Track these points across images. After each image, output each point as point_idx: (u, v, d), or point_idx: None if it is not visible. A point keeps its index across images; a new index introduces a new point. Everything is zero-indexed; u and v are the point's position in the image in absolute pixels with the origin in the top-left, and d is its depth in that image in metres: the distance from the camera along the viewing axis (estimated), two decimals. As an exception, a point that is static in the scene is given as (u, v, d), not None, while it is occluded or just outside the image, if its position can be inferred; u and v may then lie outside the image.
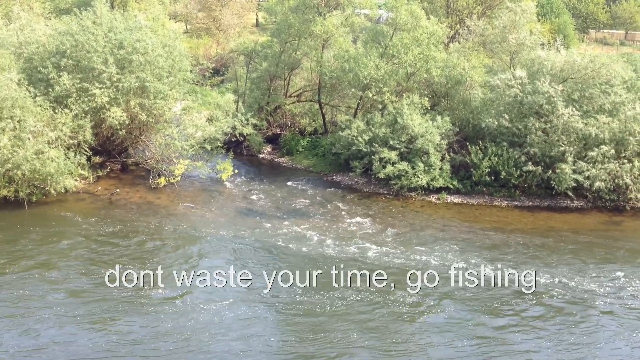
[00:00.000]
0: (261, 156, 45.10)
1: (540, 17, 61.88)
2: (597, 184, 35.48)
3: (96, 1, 39.53)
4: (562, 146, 36.32)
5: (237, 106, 44.96)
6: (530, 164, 36.74)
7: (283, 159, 44.47)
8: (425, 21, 41.39)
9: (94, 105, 36.30)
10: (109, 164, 39.90)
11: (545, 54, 39.19)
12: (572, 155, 36.21)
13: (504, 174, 37.10)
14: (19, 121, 33.84)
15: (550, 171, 36.76)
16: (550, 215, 35.70)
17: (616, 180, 35.97)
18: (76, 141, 36.02)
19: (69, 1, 58.18)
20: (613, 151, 36.04)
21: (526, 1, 47.56)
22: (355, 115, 42.39)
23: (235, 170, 39.99)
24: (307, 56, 45.12)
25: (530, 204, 37.07)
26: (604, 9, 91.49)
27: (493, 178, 37.47)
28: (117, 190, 36.80)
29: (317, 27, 42.46)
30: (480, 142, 38.38)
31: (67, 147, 35.26)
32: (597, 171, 35.52)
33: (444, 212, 35.64)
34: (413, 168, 36.94)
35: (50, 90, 36.35)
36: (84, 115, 36.25)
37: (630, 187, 36.11)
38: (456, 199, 37.31)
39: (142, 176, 39.07)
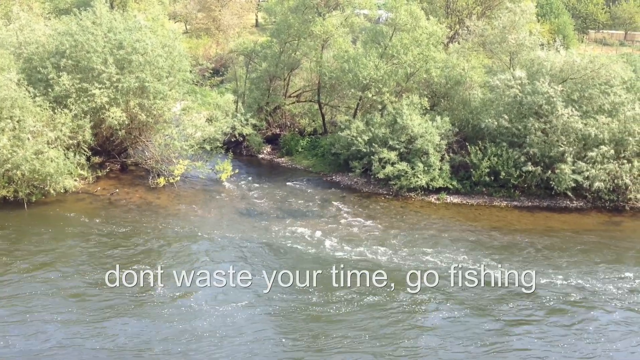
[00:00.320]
0: (261, 156, 45.10)
1: (539, 18, 61.95)
2: (597, 184, 35.50)
3: (96, 1, 39.51)
4: (562, 146, 36.34)
5: (237, 106, 44.96)
6: (530, 164, 36.75)
7: (282, 159, 44.47)
8: (425, 21, 41.40)
9: (94, 105, 36.29)
10: (108, 164, 39.90)
11: (544, 54, 39.21)
12: (572, 156, 36.23)
13: (504, 174, 37.11)
14: (18, 121, 33.83)
15: (550, 171, 36.78)
16: (550, 215, 35.72)
17: (616, 181, 35.98)
18: (76, 141, 36.02)
19: (68, 1, 58.18)
20: (612, 151, 36.05)
21: (526, 1, 47.60)
22: (354, 116, 42.41)
23: (234, 171, 39.98)
24: (306, 56, 45.13)
25: (530, 204, 37.09)
26: (603, 9, 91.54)
27: (492, 178, 37.49)
28: (117, 191, 36.79)
29: (316, 27, 42.47)
30: (480, 143, 38.39)
31: (66, 147, 35.25)
32: (597, 171, 35.53)
33: (443, 212, 35.65)
34: (412, 168, 36.94)
35: (50, 90, 36.34)
36: (83, 115, 36.24)
37: (629, 187, 36.12)
38: (456, 199, 37.32)
39: (142, 176, 39.06)
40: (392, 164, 37.04)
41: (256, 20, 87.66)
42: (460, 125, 40.29)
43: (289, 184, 39.39)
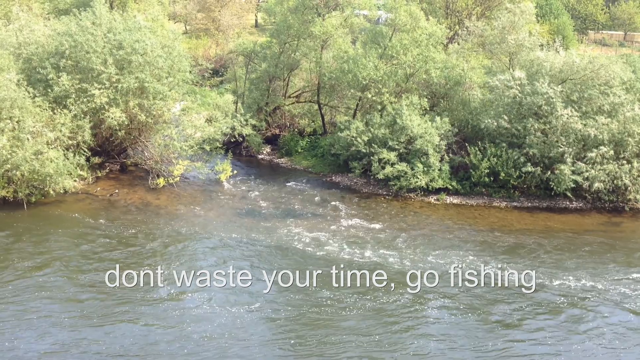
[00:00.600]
0: (260, 157, 45.09)
1: (539, 18, 61.85)
2: (596, 184, 35.51)
3: (95, 2, 39.51)
4: (561, 147, 36.35)
5: (236, 107, 44.93)
6: (530, 164, 36.76)
7: (282, 159, 44.47)
8: (425, 22, 41.43)
9: (93, 105, 36.29)
10: (108, 164, 39.89)
11: (544, 55, 39.23)
12: (571, 156, 36.24)
13: (503, 174, 37.12)
14: (18, 122, 33.83)
15: (550, 172, 36.79)
16: (549, 216, 35.73)
17: (615, 181, 35.99)
18: (75, 142, 36.00)
19: (68, 2, 58.10)
20: (612, 152, 36.07)
21: (525, 2, 47.64)
22: (354, 116, 42.41)
23: (234, 171, 39.98)
24: (306, 57, 45.12)
25: (529, 204, 37.10)
26: (603, 10, 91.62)
27: (492, 179, 37.50)
28: (117, 191, 36.78)
29: (316, 27, 42.48)
30: (479, 143, 38.40)
31: (66, 147, 35.24)
32: (596, 172, 35.55)
33: (443, 212, 35.66)
34: (412, 169, 36.94)
35: (50, 90, 36.33)
36: (83, 115, 36.24)
37: (629, 188, 36.15)
38: (455, 199, 37.33)
39: (141, 177, 39.05)
40: (392, 164, 37.04)
41: (256, 20, 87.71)
42: (460, 126, 40.30)
43: (288, 184, 39.39)
